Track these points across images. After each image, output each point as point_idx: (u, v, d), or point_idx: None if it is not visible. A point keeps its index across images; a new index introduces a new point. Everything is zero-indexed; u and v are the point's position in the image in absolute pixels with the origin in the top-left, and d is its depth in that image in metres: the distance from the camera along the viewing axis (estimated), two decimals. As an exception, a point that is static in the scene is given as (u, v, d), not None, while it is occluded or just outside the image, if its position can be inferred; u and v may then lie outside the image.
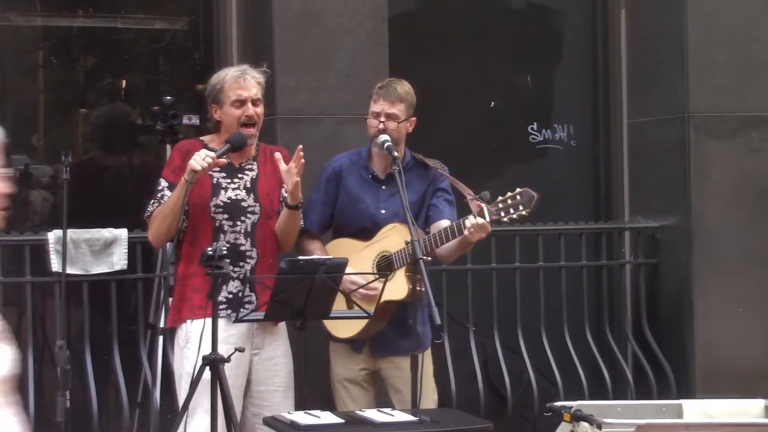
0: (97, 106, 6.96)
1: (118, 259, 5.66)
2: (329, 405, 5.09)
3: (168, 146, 5.50)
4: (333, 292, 4.51)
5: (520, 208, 4.75)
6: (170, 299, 4.88)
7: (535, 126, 7.05)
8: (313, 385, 5.39)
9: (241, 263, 4.73)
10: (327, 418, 4.39)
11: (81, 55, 7.09)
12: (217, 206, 4.73)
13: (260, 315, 4.56)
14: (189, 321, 4.68)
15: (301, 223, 5.00)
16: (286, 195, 4.78)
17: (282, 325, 4.90)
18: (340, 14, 6.08)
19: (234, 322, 4.60)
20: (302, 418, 4.35)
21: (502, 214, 4.76)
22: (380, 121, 5.01)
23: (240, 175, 4.83)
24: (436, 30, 6.91)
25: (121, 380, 5.63)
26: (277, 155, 4.78)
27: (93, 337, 5.69)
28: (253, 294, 4.71)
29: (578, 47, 7.15)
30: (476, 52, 7.00)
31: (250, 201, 4.80)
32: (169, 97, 5.65)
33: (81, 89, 7.01)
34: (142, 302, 5.70)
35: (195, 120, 5.63)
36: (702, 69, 6.54)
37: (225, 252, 4.33)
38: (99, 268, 5.65)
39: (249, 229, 4.76)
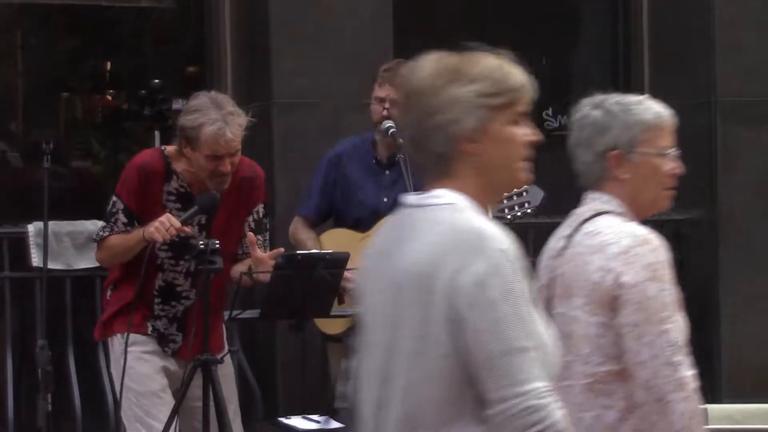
0: (79, 90, 6.99)
1: (103, 254, 5.69)
2: (330, 409, 5.11)
3: (157, 133, 5.52)
4: (334, 289, 4.53)
5: (526, 206, 4.79)
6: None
7: (550, 111, 7.07)
8: (312, 388, 5.42)
9: (173, 302, 4.61)
10: (327, 423, 4.42)
11: (62, 36, 7.12)
12: (163, 242, 4.49)
13: (255, 313, 4.59)
14: (120, 335, 4.58)
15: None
16: (247, 248, 4.59)
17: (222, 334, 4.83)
18: (342, -8, 6.10)
19: (228, 320, 4.63)
20: (301, 422, 4.39)
21: (506, 211, 4.80)
22: (385, 108, 5.03)
23: None
24: (444, 9, 6.92)
25: (105, 382, 5.65)
26: (251, 237, 4.55)
27: (76, 336, 5.73)
28: (179, 334, 4.60)
29: (597, 26, 7.16)
30: (487, 32, 7.01)
31: (201, 239, 4.53)
32: (157, 81, 5.66)
33: (62, 72, 7.04)
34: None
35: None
36: (731, 50, 6.55)
37: (217, 246, 4.34)
38: (82, 263, 5.68)
39: (193, 269, 4.56)
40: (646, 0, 6.98)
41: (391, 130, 4.98)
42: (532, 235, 6.41)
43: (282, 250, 4.57)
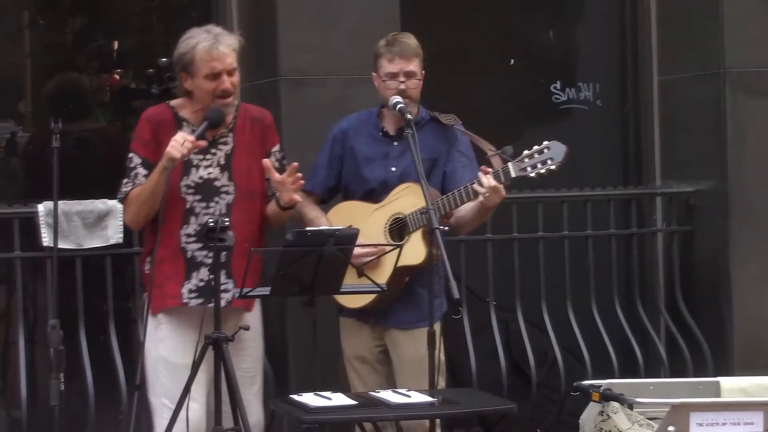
0: (87, 69, 6.98)
1: (113, 233, 5.69)
2: (341, 386, 5.12)
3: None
4: (344, 265, 4.53)
5: (549, 162, 4.76)
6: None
7: (558, 85, 7.04)
8: (323, 365, 5.42)
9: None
10: (338, 399, 4.43)
11: (69, 16, 7.10)
12: (188, 186, 4.70)
13: (266, 290, 4.58)
14: (161, 312, 4.72)
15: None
16: (274, 188, 4.73)
17: (256, 307, 4.88)
18: (348, -34, 6.07)
19: (239, 297, 4.63)
20: (312, 399, 4.39)
21: (529, 169, 4.77)
22: (400, 81, 5.02)
23: (213, 151, 4.76)
24: (451, -18, 6.90)
25: (118, 361, 5.67)
26: (266, 163, 4.71)
27: (88, 316, 5.74)
28: (230, 281, 4.66)
29: (604, -1, 7.13)
30: (494, 5, 6.99)
31: (224, 180, 4.75)
32: (164, 59, 5.65)
33: (70, 52, 7.03)
34: (139, 278, 5.73)
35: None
36: (739, 20, 6.52)
37: (227, 223, 4.35)
38: (93, 242, 5.68)
39: (223, 211, 4.70)
40: (653, -29, 6.96)
41: (399, 106, 4.96)
42: (541, 209, 6.41)
43: (296, 164, 4.69)
